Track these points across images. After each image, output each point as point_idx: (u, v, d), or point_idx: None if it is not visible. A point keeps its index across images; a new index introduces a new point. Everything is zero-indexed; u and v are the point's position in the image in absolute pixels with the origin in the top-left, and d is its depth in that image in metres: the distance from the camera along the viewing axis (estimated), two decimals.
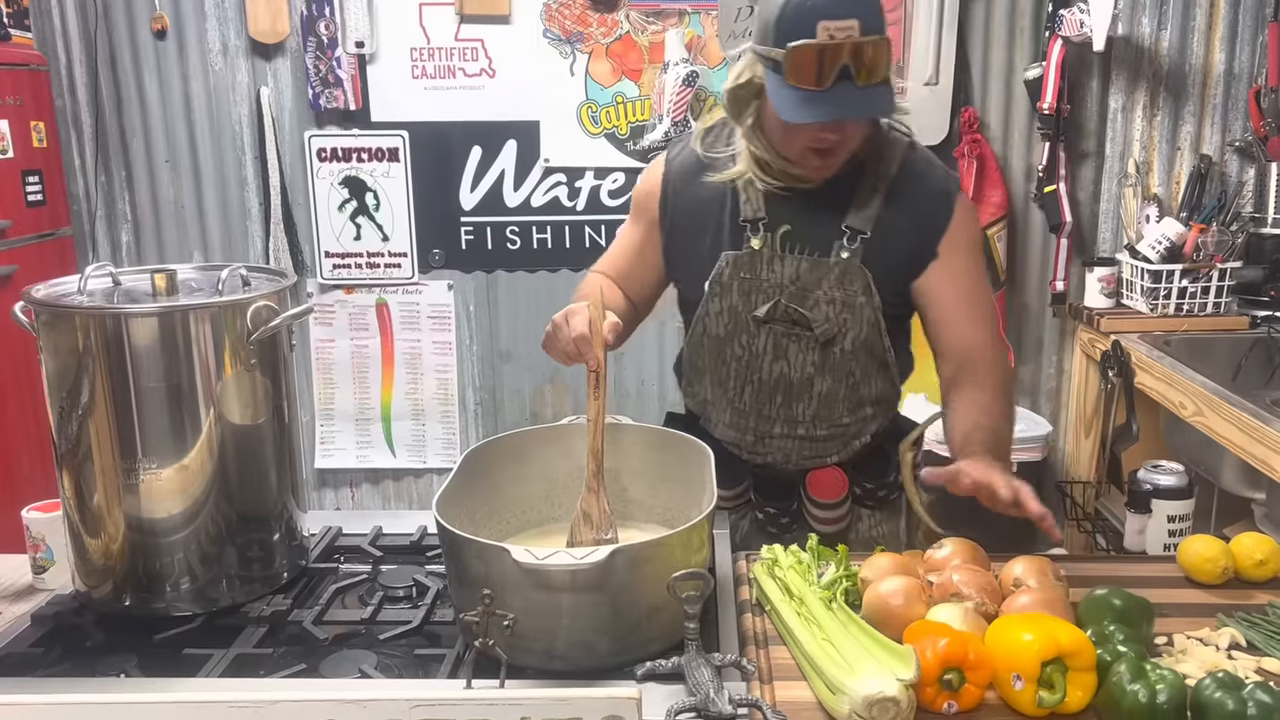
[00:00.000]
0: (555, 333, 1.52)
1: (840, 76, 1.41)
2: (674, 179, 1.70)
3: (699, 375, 1.76)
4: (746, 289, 1.63)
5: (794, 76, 1.43)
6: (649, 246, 1.74)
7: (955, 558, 1.37)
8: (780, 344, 1.64)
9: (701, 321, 1.68)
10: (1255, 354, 2.89)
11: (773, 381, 1.67)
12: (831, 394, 1.67)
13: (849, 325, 1.62)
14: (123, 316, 1.34)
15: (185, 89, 3.18)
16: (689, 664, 1.15)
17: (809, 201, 1.60)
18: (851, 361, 1.64)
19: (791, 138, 1.52)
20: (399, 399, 3.38)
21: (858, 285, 1.60)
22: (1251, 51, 3.07)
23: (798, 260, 1.61)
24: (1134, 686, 1.08)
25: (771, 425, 1.70)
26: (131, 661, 1.31)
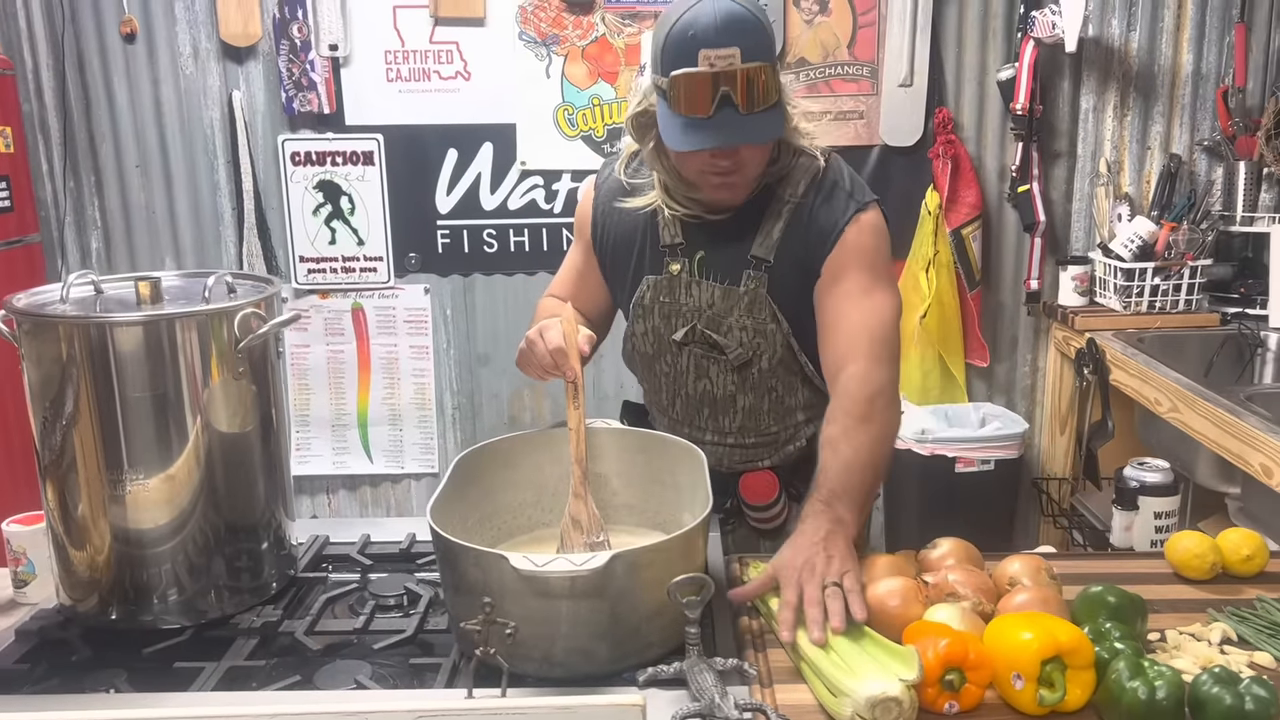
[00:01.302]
0: (530, 349, 1.53)
1: (722, 104, 1.43)
2: (602, 202, 1.72)
3: (642, 378, 1.82)
4: (666, 312, 1.67)
5: (677, 104, 1.44)
6: (589, 268, 1.77)
7: (950, 557, 1.37)
8: (701, 364, 1.68)
9: (630, 340, 1.74)
10: (1226, 350, 2.93)
11: (698, 397, 1.71)
12: (755, 408, 1.69)
13: (762, 349, 1.63)
14: (108, 325, 1.32)
15: (155, 93, 3.13)
16: (691, 669, 1.14)
17: (721, 229, 1.62)
18: (771, 379, 1.67)
19: (688, 163, 1.53)
20: (376, 404, 3.35)
21: (765, 314, 1.61)
22: (1219, 52, 3.11)
23: (712, 287, 1.63)
24: (1133, 684, 1.09)
25: (703, 434, 1.74)
26: (121, 676, 1.28)
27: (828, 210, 1.59)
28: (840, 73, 3.10)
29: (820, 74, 3.10)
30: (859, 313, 1.56)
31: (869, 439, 1.47)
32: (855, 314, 1.56)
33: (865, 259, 1.59)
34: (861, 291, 1.57)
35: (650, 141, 1.58)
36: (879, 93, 3.11)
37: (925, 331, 3.18)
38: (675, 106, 1.45)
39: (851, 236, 1.58)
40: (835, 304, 1.57)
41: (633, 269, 1.69)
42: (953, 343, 3.23)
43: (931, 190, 3.12)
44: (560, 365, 1.51)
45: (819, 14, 3.06)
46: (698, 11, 1.42)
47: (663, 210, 1.63)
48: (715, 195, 1.57)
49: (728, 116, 1.43)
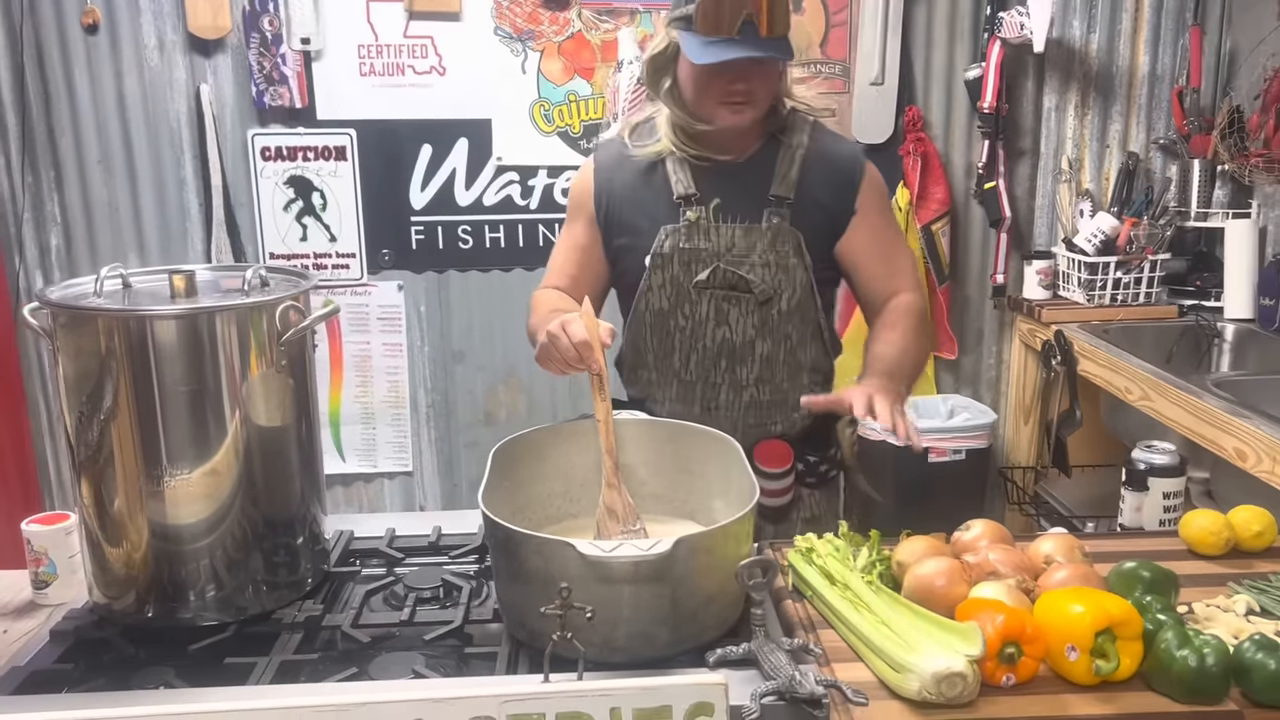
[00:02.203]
0: (553, 343, 1.54)
1: (745, 25, 1.59)
2: (604, 170, 1.82)
3: (640, 358, 1.85)
4: (686, 259, 1.75)
5: (704, 26, 1.61)
6: (592, 242, 1.84)
7: (984, 538, 1.42)
8: (721, 309, 1.77)
9: (644, 297, 1.79)
10: (1185, 340, 3.05)
11: (716, 347, 1.79)
12: (772, 356, 1.79)
13: (784, 285, 1.76)
14: (149, 319, 1.29)
15: (119, 86, 3.06)
16: (760, 649, 1.17)
17: (735, 176, 1.76)
18: (788, 324, 1.78)
19: (705, 92, 1.67)
20: (348, 403, 3.31)
21: (789, 246, 1.75)
22: (1174, 54, 3.23)
23: (732, 228, 1.75)
24: (1182, 652, 1.14)
25: (718, 393, 1.81)
26: (170, 674, 1.27)
27: (841, 149, 1.83)
28: (813, 71, 3.15)
29: None
30: (900, 248, 1.85)
31: (921, 343, 1.79)
32: (898, 249, 1.85)
33: (885, 199, 1.86)
34: (893, 230, 1.86)
35: (667, 80, 1.73)
36: (851, 90, 3.17)
37: None
38: (701, 28, 1.61)
39: (872, 174, 1.82)
40: (875, 239, 1.80)
41: (647, 224, 1.77)
42: None
43: (902, 187, 3.19)
44: (585, 358, 1.53)
45: (793, 12, 3.10)
46: None
47: (672, 162, 1.76)
48: (728, 121, 1.69)
49: (749, 37, 1.60)
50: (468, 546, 1.61)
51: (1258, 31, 3.04)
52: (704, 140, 1.75)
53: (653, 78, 1.75)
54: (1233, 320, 3.01)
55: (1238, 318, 3.00)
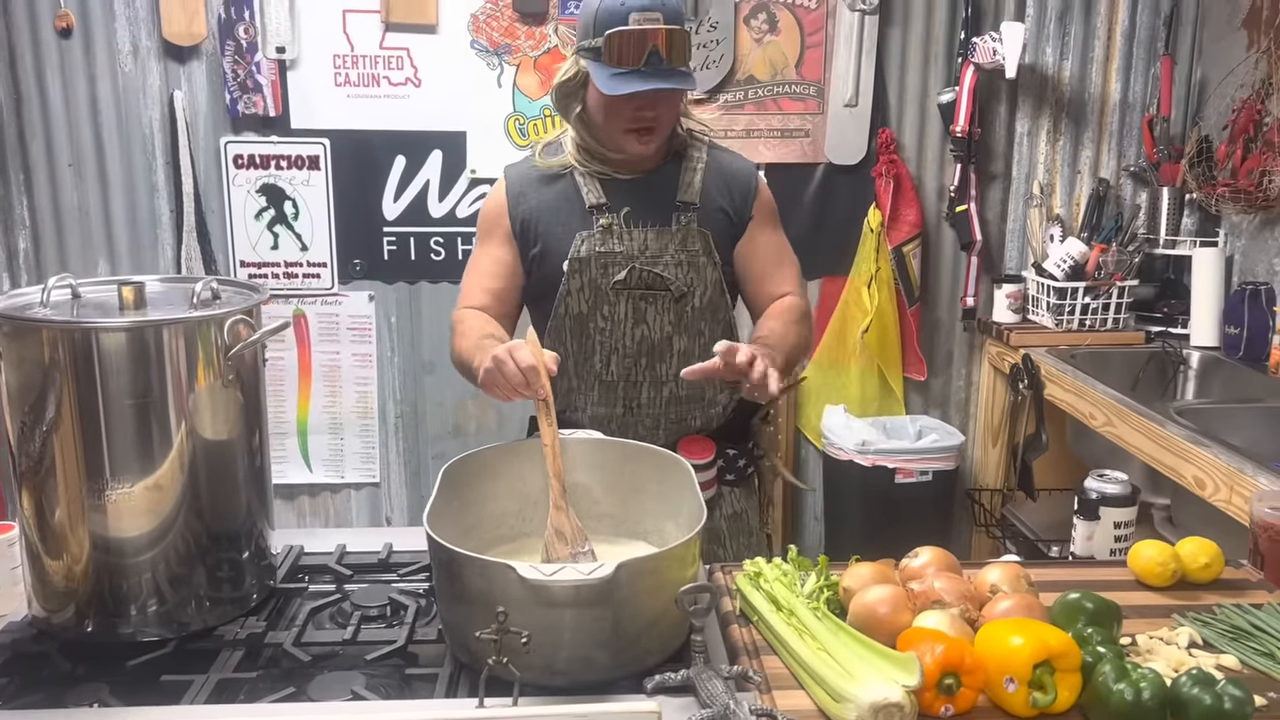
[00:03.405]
0: (499, 368, 1.55)
1: (651, 56, 1.68)
2: (515, 186, 1.89)
3: (563, 362, 1.84)
4: (603, 262, 1.82)
5: (612, 58, 1.69)
6: (510, 256, 1.89)
7: (931, 565, 1.42)
8: (639, 308, 1.84)
9: (563, 302, 1.85)
10: (1151, 366, 3.07)
11: (635, 346, 1.86)
12: (689, 352, 1.86)
13: (696, 283, 1.85)
14: (94, 331, 1.28)
15: (91, 90, 3.04)
16: (699, 676, 1.16)
17: (641, 187, 1.85)
18: (701, 320, 1.87)
19: (613, 118, 1.75)
20: (316, 413, 3.30)
21: (699, 246, 1.85)
22: (1145, 82, 3.26)
23: (644, 232, 1.84)
24: (1119, 686, 1.14)
25: (639, 391, 1.88)
26: (104, 691, 1.25)
27: (737, 163, 1.94)
28: (788, 91, 3.17)
29: (769, 92, 3.16)
30: (789, 256, 1.98)
31: (800, 334, 1.88)
32: (787, 256, 1.97)
33: (775, 210, 1.97)
34: (783, 238, 1.98)
35: (577, 106, 1.81)
36: (825, 112, 3.18)
37: (866, 346, 3.26)
38: (610, 60, 1.70)
39: (764, 186, 1.95)
40: (765, 248, 1.93)
41: (561, 233, 1.84)
42: (891, 357, 3.31)
43: (874, 208, 3.20)
44: (532, 384, 1.55)
45: (768, 33, 3.12)
46: None
47: (579, 175, 1.84)
48: (633, 148, 1.79)
49: (655, 68, 1.69)
50: (418, 565, 1.60)
51: (1227, 63, 3.07)
52: (608, 159, 1.84)
53: (562, 104, 1.83)
54: (1198, 347, 3.02)
55: (1203, 345, 3.01)
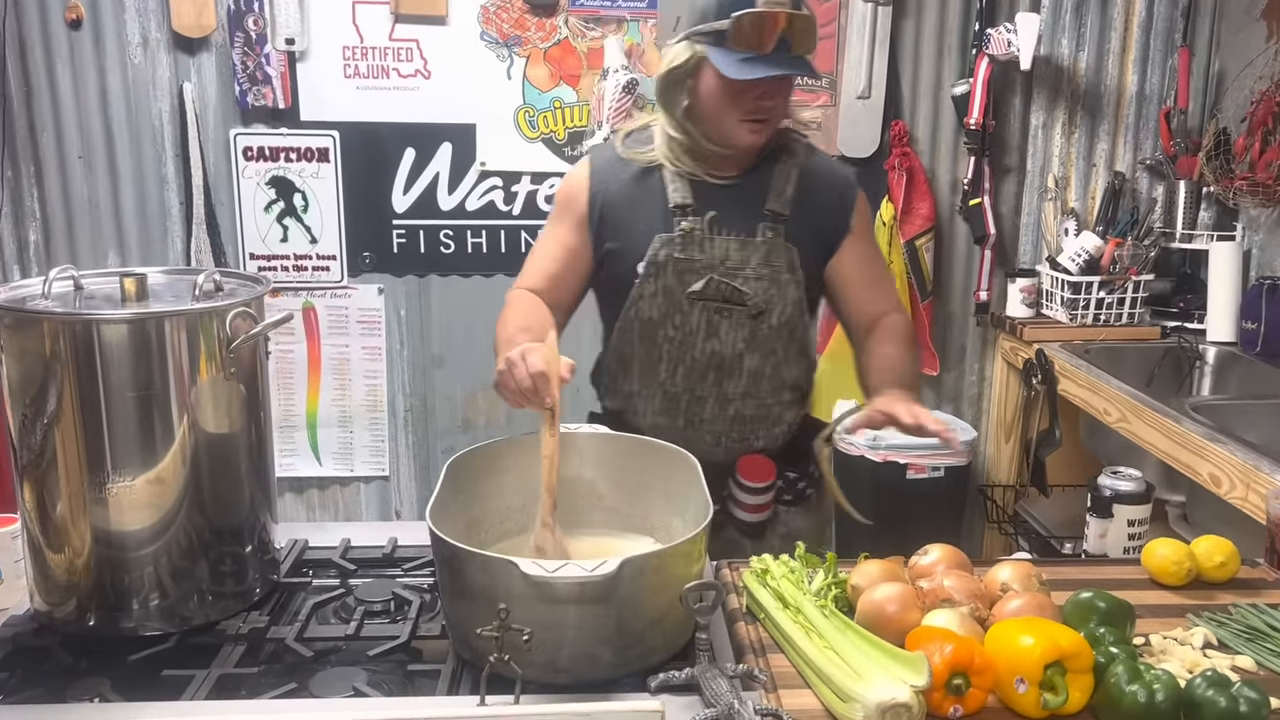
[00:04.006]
0: (511, 370, 1.50)
1: (779, 43, 1.59)
2: (600, 173, 1.79)
3: (625, 366, 1.82)
4: (680, 268, 1.73)
5: (738, 42, 1.59)
6: (580, 244, 1.80)
7: (941, 563, 1.40)
8: (713, 321, 1.75)
9: (634, 305, 1.76)
10: (1167, 362, 3.03)
11: (705, 359, 1.77)
12: (758, 371, 1.78)
13: (776, 300, 1.75)
14: (95, 323, 1.27)
15: (101, 82, 3.04)
16: (703, 675, 1.15)
17: (729, 191, 1.76)
18: (776, 339, 1.78)
19: (729, 108, 1.65)
20: (325, 406, 3.29)
21: (783, 261, 1.75)
22: (1162, 74, 3.22)
23: (726, 241, 1.74)
24: (1132, 687, 1.12)
25: (703, 406, 1.79)
26: (105, 685, 1.24)
27: (835, 171, 1.86)
28: (800, 83, 3.13)
29: None
30: (885, 270, 1.92)
31: (916, 357, 1.85)
32: (884, 270, 1.92)
33: (871, 223, 1.90)
34: (879, 252, 1.92)
35: (684, 97, 1.69)
36: (837, 104, 3.15)
37: None
38: (737, 43, 1.59)
39: (862, 197, 1.85)
40: (865, 260, 1.84)
41: (641, 230, 1.74)
42: None
43: (886, 201, 3.17)
44: (540, 391, 1.48)
45: None
46: None
47: (668, 174, 1.74)
48: (744, 140, 1.68)
49: (782, 54, 1.60)
50: (422, 559, 1.59)
51: (1245, 54, 3.03)
52: (702, 157, 1.74)
53: (667, 94, 1.72)
54: (1215, 343, 2.99)
55: (1220, 340, 2.98)
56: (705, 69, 1.65)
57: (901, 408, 1.60)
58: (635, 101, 3.04)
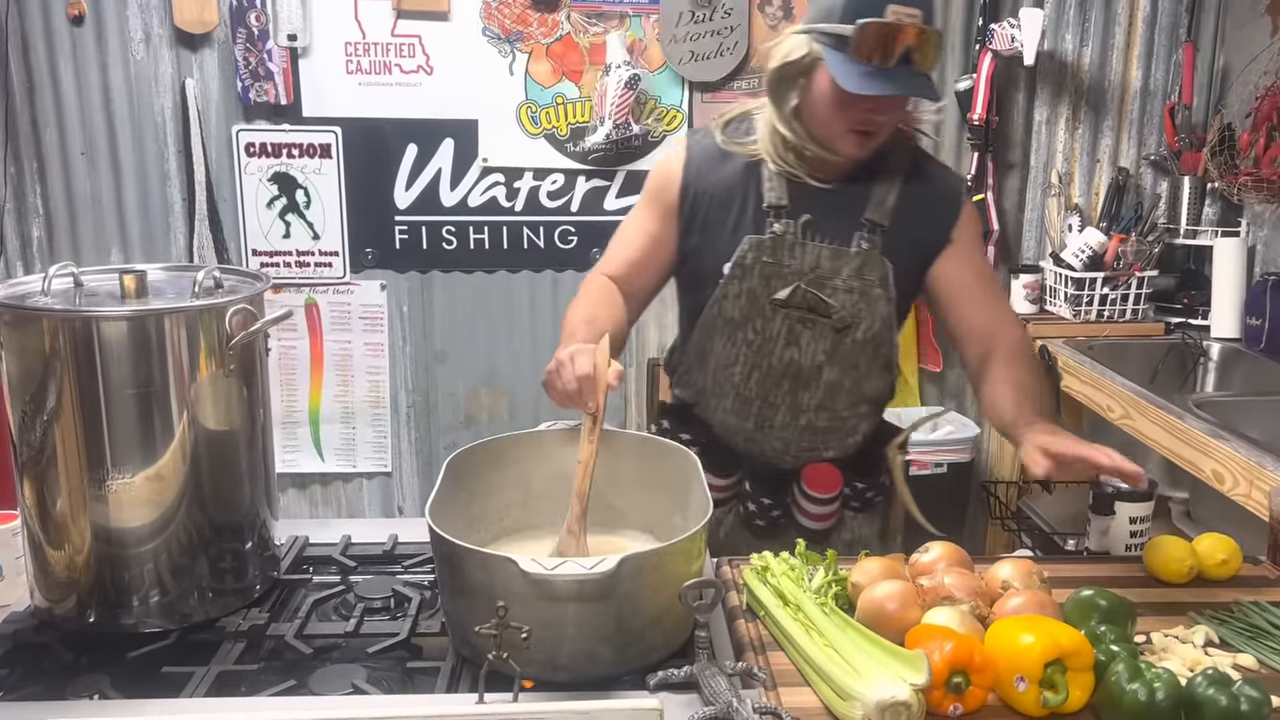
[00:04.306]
0: (558, 370, 1.47)
1: (903, 58, 1.50)
2: (696, 164, 1.71)
3: (701, 361, 1.76)
4: (767, 273, 1.66)
5: (861, 52, 1.49)
6: (665, 233, 1.74)
7: (941, 561, 1.39)
8: (794, 330, 1.68)
9: (717, 304, 1.70)
10: (1170, 358, 3.02)
11: (782, 368, 1.71)
12: (837, 384, 1.71)
13: (863, 315, 1.68)
14: (95, 320, 1.27)
15: (104, 78, 3.03)
16: (703, 673, 1.14)
17: (828, 195, 1.66)
18: (860, 354, 1.70)
19: (839, 116, 1.56)
20: (328, 402, 3.29)
21: (876, 276, 1.66)
22: (1166, 69, 3.21)
23: (819, 248, 1.66)
24: (1133, 686, 1.12)
25: (775, 412, 1.73)
26: (104, 682, 1.24)
27: (942, 178, 1.75)
28: None
29: None
30: (991, 281, 1.79)
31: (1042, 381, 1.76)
32: (989, 282, 1.78)
33: (979, 234, 1.79)
34: (987, 265, 1.80)
35: (794, 95, 1.60)
36: None
37: None
38: (857, 53, 1.49)
39: (969, 208, 1.76)
40: (973, 271, 1.73)
41: (730, 229, 1.68)
42: (907, 347, 3.28)
43: None
44: (585, 395, 1.44)
45: (783, 19, 3.09)
46: None
47: (767, 171, 1.66)
48: (849, 150, 1.60)
49: (904, 71, 1.51)
50: (422, 556, 1.58)
51: (1250, 49, 3.01)
52: (805, 158, 1.64)
53: (778, 89, 1.61)
54: (1219, 339, 2.98)
55: (1224, 337, 2.97)
56: (820, 71, 1.55)
57: (1095, 452, 1.45)
58: (637, 97, 3.03)
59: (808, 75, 1.57)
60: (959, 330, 1.74)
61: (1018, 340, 1.72)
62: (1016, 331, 1.74)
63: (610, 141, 3.05)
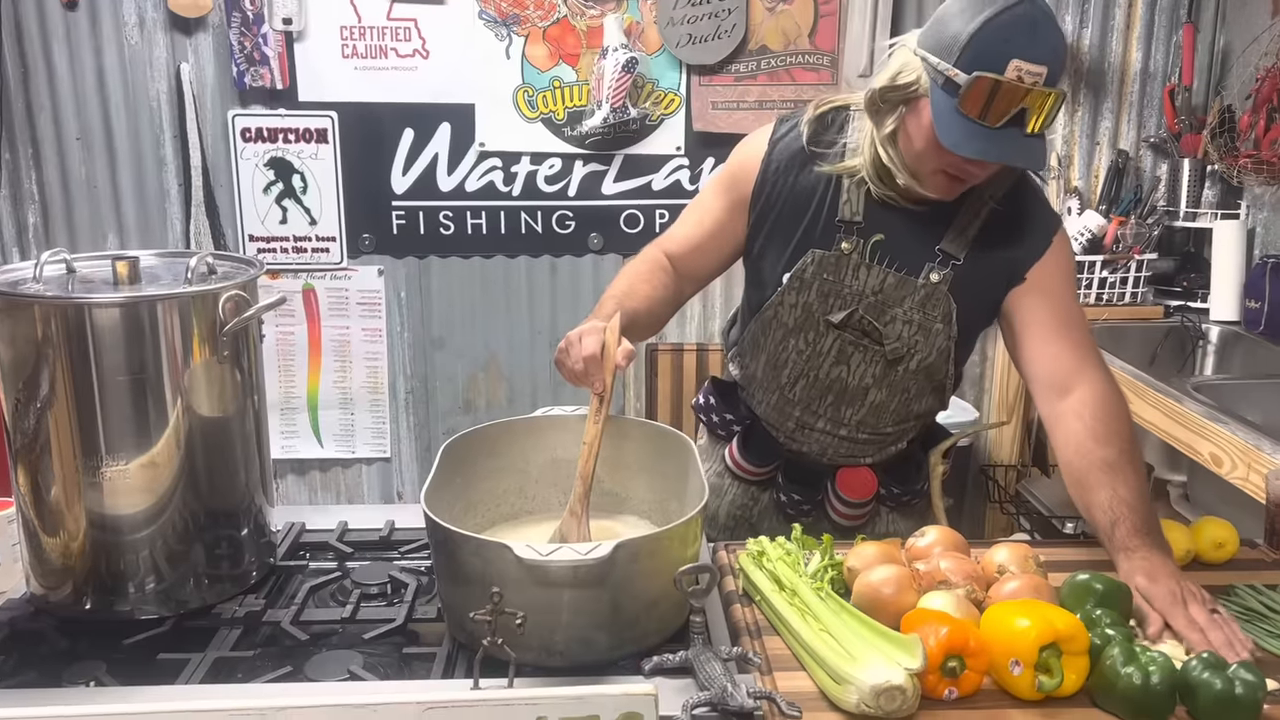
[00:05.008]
0: (568, 349, 1.45)
1: (1013, 120, 1.37)
2: (776, 162, 1.61)
3: (754, 352, 1.73)
4: (826, 290, 1.60)
5: (969, 107, 1.36)
6: (731, 224, 1.67)
7: (937, 545, 1.39)
8: (845, 350, 1.62)
9: (773, 308, 1.64)
10: (1170, 341, 3.02)
11: (828, 383, 1.65)
12: (883, 406, 1.66)
13: (919, 348, 1.60)
14: (87, 306, 1.27)
15: (98, 63, 3.02)
16: (698, 658, 1.15)
17: (909, 216, 1.56)
18: (910, 381, 1.63)
19: (931, 159, 1.45)
20: (326, 388, 3.29)
21: (939, 312, 1.57)
22: (1166, 51, 3.19)
23: (884, 273, 1.57)
24: (1128, 669, 1.12)
25: (815, 420, 1.69)
26: (100, 669, 1.25)
27: (1038, 215, 1.58)
28: (801, 61, 3.12)
29: (781, 62, 3.11)
30: (1082, 325, 1.57)
31: (1141, 464, 1.47)
32: (1079, 324, 1.56)
33: (1071, 271, 1.60)
34: (1075, 304, 1.59)
35: (892, 120, 1.47)
36: (838, 82, 3.13)
37: None
38: (965, 106, 1.36)
39: (1060, 245, 1.58)
40: (1048, 313, 1.55)
41: (798, 239, 1.60)
42: None
43: None
44: (591, 375, 1.42)
45: (781, 2, 3.07)
46: (1018, 15, 1.33)
47: (848, 181, 1.56)
48: (940, 191, 1.50)
49: (1011, 133, 1.37)
50: (419, 542, 1.59)
51: (1250, 30, 2.99)
52: (892, 184, 1.53)
53: (877, 107, 1.48)
54: (1218, 322, 2.98)
55: (1223, 320, 2.96)
56: (924, 106, 1.42)
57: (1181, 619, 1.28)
58: (635, 80, 3.02)
59: (910, 103, 1.44)
60: (1025, 371, 1.58)
61: (1099, 397, 1.49)
62: (1098, 386, 1.50)
63: (608, 125, 3.04)
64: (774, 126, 1.65)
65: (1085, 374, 1.52)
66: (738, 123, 3.09)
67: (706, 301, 3.27)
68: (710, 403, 1.83)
